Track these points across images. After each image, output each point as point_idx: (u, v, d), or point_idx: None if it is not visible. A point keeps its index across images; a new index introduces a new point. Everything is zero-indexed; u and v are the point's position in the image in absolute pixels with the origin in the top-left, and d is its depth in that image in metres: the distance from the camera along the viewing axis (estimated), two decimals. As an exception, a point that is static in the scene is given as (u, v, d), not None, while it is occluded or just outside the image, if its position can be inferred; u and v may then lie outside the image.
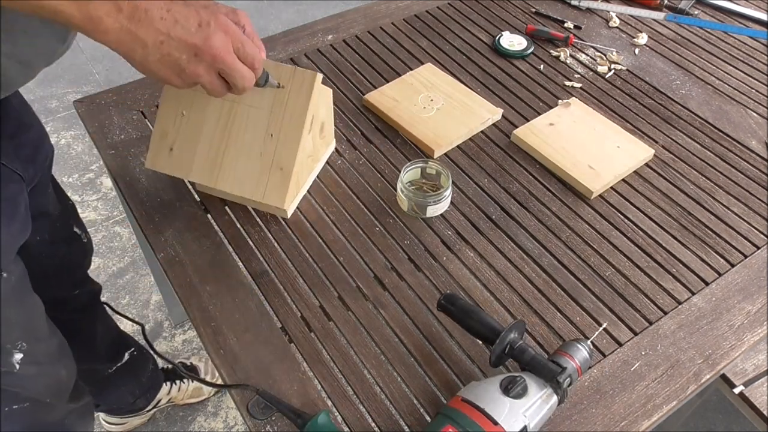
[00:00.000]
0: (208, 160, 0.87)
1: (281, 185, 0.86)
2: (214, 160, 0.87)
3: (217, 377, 1.48)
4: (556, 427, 0.73)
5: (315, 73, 0.83)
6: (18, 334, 0.81)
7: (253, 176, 0.86)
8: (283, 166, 0.85)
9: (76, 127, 2.17)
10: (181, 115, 0.86)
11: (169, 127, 0.87)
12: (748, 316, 0.84)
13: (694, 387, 0.77)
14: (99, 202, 1.96)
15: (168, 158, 0.88)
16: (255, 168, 0.86)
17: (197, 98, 0.86)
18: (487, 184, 1.00)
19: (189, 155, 0.87)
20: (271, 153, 0.85)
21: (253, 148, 0.86)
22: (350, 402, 0.76)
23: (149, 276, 1.74)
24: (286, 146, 0.85)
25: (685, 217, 0.96)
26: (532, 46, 1.24)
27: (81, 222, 1.06)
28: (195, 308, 0.83)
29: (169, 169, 0.89)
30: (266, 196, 0.86)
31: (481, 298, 0.85)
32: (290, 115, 0.84)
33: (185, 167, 0.88)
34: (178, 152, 0.88)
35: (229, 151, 0.86)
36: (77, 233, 1.04)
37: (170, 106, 0.87)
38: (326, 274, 0.88)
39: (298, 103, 0.84)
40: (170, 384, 1.44)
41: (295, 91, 0.84)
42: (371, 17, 1.33)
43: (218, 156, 0.87)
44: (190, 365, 1.49)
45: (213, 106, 0.86)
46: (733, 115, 1.13)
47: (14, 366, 0.82)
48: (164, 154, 0.88)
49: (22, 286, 0.81)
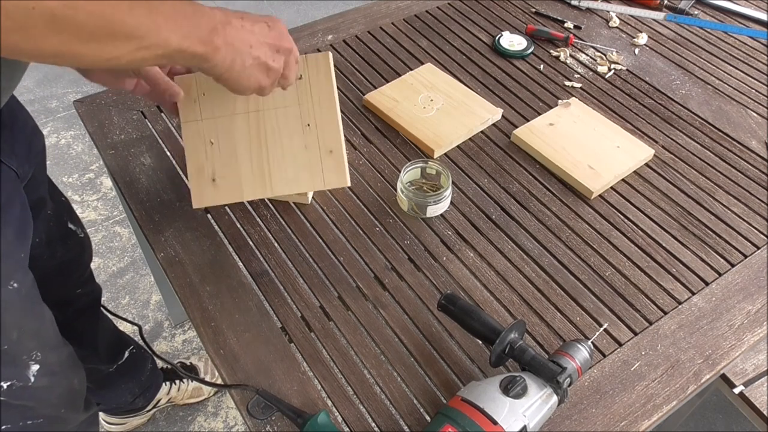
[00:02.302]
0: (254, 174, 0.86)
1: (337, 166, 0.86)
2: (261, 172, 0.86)
3: (217, 377, 1.48)
4: (556, 427, 0.73)
5: (326, 53, 0.84)
6: (33, 345, 0.80)
7: (305, 169, 0.86)
8: (332, 148, 0.86)
9: (76, 127, 2.17)
10: (210, 144, 0.86)
11: (203, 160, 0.86)
12: (748, 316, 0.84)
13: (694, 387, 0.77)
14: (99, 202, 1.96)
15: (214, 190, 0.87)
16: (304, 161, 0.86)
17: (220, 123, 0.85)
18: (487, 184, 1.00)
19: (234, 179, 0.86)
20: (315, 141, 0.86)
21: (294, 144, 0.86)
22: (350, 402, 0.76)
23: (149, 276, 1.74)
24: (327, 129, 0.86)
25: (685, 217, 0.96)
26: (532, 46, 1.24)
27: (76, 217, 1.05)
28: (195, 308, 0.83)
29: (220, 199, 0.87)
30: (327, 182, 0.87)
31: (481, 298, 0.86)
32: (318, 100, 0.85)
33: (235, 191, 0.87)
34: (221, 181, 0.86)
35: (272, 158, 0.86)
36: (72, 229, 1.03)
37: (195, 142, 0.86)
38: (326, 274, 0.88)
39: (323, 86, 0.85)
40: (170, 384, 1.44)
41: (314, 76, 0.85)
42: (371, 17, 1.33)
43: (263, 166, 0.86)
44: (190, 365, 1.49)
45: (239, 123, 0.85)
46: (733, 115, 1.13)
47: (29, 379, 0.81)
48: (209, 188, 0.87)
49: (32, 296, 0.81)
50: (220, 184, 0.86)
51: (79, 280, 1.09)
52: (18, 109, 0.84)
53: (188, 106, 0.84)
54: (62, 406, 0.90)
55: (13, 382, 0.79)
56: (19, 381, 0.80)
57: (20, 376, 0.80)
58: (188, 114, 0.85)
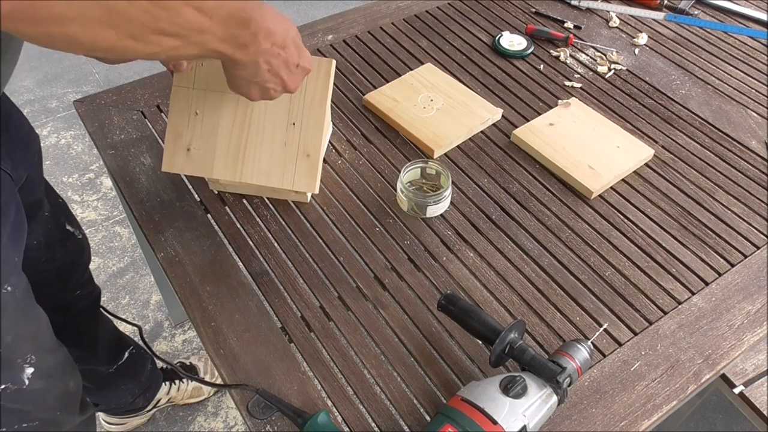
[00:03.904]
0: (229, 155, 0.88)
1: (310, 171, 0.87)
2: (235, 155, 0.88)
3: (217, 377, 1.48)
4: (556, 427, 0.73)
5: (331, 60, 0.85)
6: (27, 348, 0.80)
7: (279, 165, 0.88)
8: (310, 153, 0.87)
9: (76, 127, 2.17)
10: (195, 115, 0.87)
11: (183, 128, 0.87)
12: (748, 316, 0.84)
13: (694, 387, 0.77)
14: (99, 202, 1.96)
15: (186, 159, 0.88)
16: (280, 157, 0.87)
17: (210, 97, 0.86)
18: (487, 184, 1.00)
19: (208, 153, 0.88)
20: (296, 141, 0.87)
21: (275, 139, 0.87)
22: (350, 402, 0.76)
23: (149, 276, 1.74)
24: (310, 133, 0.87)
25: (685, 217, 0.96)
26: (532, 46, 1.24)
27: (73, 219, 1.05)
28: (195, 308, 0.83)
29: (189, 169, 0.89)
30: (296, 183, 0.88)
31: (481, 298, 0.86)
32: (310, 102, 0.86)
33: (206, 166, 0.88)
34: (196, 151, 0.88)
35: (250, 145, 0.87)
36: (71, 231, 1.03)
37: (181, 107, 0.87)
38: (326, 274, 0.88)
39: (318, 91, 0.86)
40: (169, 384, 1.44)
41: (312, 79, 0.85)
42: (371, 17, 1.33)
43: (239, 150, 0.87)
44: (189, 365, 1.49)
45: (228, 102, 0.86)
46: (733, 115, 1.13)
47: (24, 382, 0.81)
48: (181, 156, 0.88)
49: (27, 299, 0.80)
50: (193, 154, 0.88)
51: (78, 282, 1.09)
52: (14, 111, 0.84)
53: (183, 72, 0.85)
54: (58, 408, 0.90)
55: (8, 386, 0.79)
56: (13, 384, 0.79)
57: (15, 379, 0.79)
58: (181, 79, 0.86)
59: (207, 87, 0.86)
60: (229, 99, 0.86)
